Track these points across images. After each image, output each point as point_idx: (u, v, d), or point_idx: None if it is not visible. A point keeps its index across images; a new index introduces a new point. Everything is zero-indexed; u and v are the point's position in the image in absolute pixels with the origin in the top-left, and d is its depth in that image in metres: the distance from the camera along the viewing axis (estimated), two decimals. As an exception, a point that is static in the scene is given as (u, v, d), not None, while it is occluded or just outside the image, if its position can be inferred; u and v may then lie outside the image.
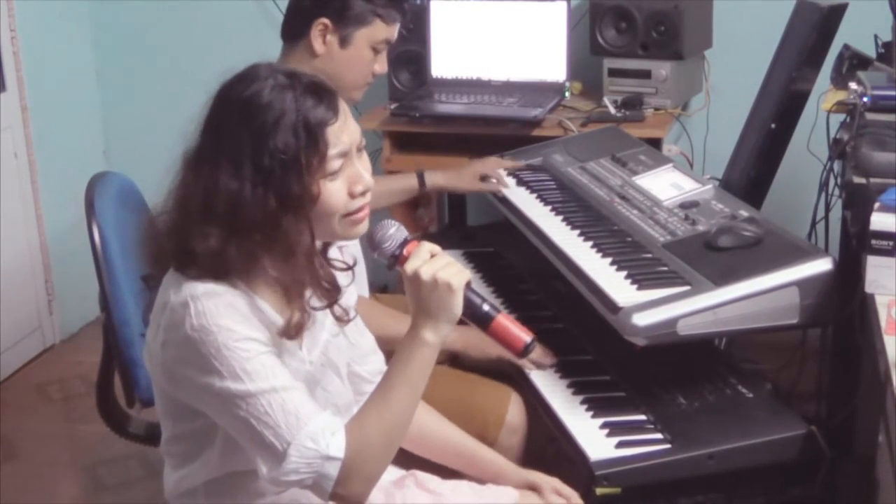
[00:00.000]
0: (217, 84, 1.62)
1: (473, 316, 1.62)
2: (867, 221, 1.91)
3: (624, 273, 2.17)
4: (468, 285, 1.60)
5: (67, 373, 3.72)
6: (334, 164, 1.57)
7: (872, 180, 2.10)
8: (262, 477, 1.56)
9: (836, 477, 2.11)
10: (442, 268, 1.57)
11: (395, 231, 1.62)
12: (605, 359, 2.26)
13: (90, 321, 3.98)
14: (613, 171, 2.70)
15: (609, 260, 2.24)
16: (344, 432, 1.55)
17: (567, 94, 3.37)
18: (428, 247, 1.60)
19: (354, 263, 1.77)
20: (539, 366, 2.25)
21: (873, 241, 1.90)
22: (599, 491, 1.88)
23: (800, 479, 2.01)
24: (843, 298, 2.03)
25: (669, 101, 3.26)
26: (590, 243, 2.35)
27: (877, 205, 1.93)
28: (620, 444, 1.96)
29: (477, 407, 2.20)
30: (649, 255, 2.23)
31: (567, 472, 1.94)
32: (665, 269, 2.15)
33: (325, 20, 2.29)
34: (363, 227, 1.64)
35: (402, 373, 1.59)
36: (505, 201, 2.75)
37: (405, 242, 1.61)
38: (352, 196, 1.59)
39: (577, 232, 2.43)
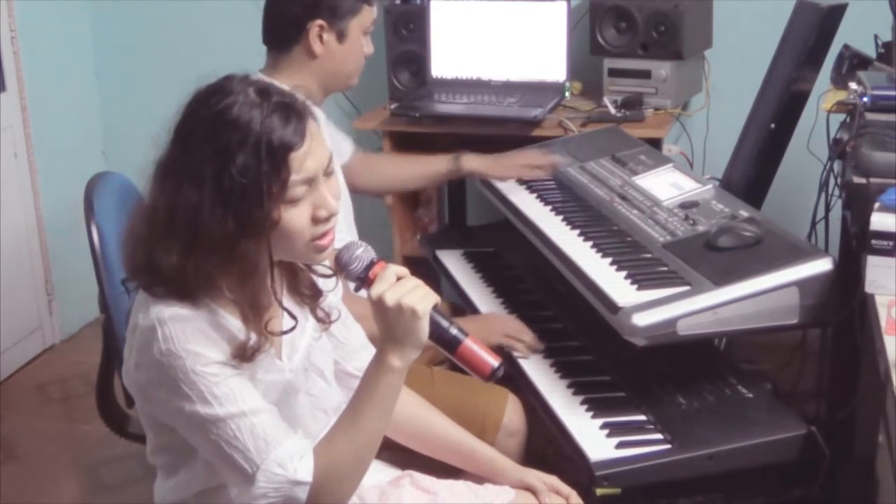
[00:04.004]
0: (191, 92, 1.58)
1: (441, 339, 1.59)
2: (867, 221, 1.91)
3: (624, 273, 2.17)
4: (435, 308, 1.57)
5: (67, 373, 3.72)
6: (297, 190, 1.51)
7: (872, 180, 2.10)
8: (233, 498, 1.57)
9: (836, 477, 2.11)
10: (407, 293, 1.53)
11: (361, 252, 1.58)
12: (605, 359, 2.26)
13: (90, 321, 3.98)
14: (613, 171, 2.70)
15: (609, 260, 2.24)
16: (312, 456, 1.55)
17: (567, 94, 3.37)
18: (394, 269, 1.56)
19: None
20: (531, 349, 2.27)
21: (873, 241, 1.90)
22: (599, 491, 1.88)
23: (800, 479, 2.01)
24: (843, 298, 2.03)
25: (669, 101, 3.26)
26: (590, 243, 2.35)
27: (877, 205, 1.93)
28: (620, 445, 1.96)
29: (474, 409, 2.20)
30: (649, 255, 2.23)
31: (567, 472, 1.94)
32: (665, 269, 2.15)
33: (321, 21, 2.30)
34: (327, 254, 1.61)
35: (369, 397, 1.57)
36: (505, 201, 2.74)
37: (371, 264, 1.58)
38: (315, 221, 1.55)
39: (577, 232, 2.43)
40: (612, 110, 3.23)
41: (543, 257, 2.43)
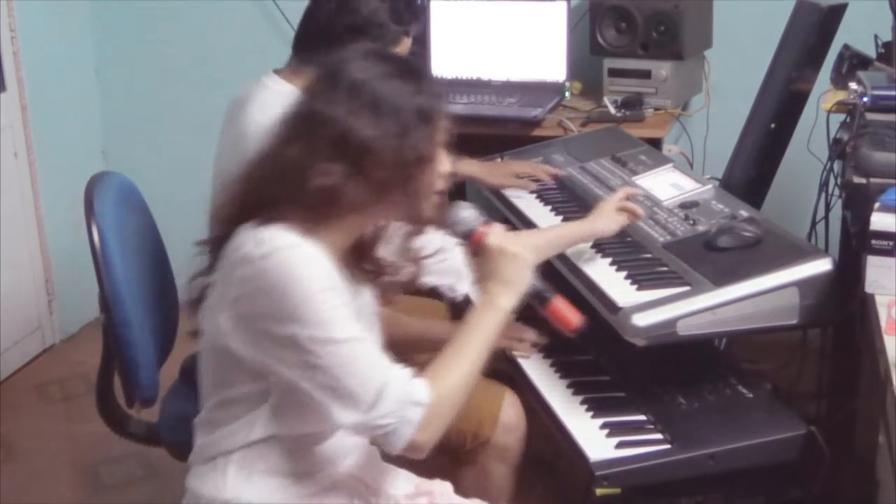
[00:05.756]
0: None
1: (534, 294, 1.78)
2: (867, 221, 1.91)
3: (624, 273, 2.17)
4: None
5: (67, 373, 3.72)
6: (442, 135, 1.68)
7: (872, 180, 2.10)
8: (340, 425, 1.60)
9: (836, 477, 2.11)
10: (518, 243, 1.75)
11: (470, 213, 1.80)
12: (605, 359, 2.26)
13: (90, 321, 3.98)
14: (613, 171, 2.70)
15: (609, 260, 2.25)
16: (426, 381, 1.61)
17: (567, 94, 3.37)
18: (502, 227, 1.78)
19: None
20: (535, 344, 2.29)
21: (873, 241, 1.90)
22: (599, 491, 1.88)
23: (800, 479, 2.01)
24: (843, 298, 2.03)
25: (669, 101, 3.26)
26: (589, 243, 2.35)
27: (877, 205, 1.93)
28: (620, 445, 1.96)
29: (471, 405, 2.19)
30: (649, 256, 2.23)
31: (567, 472, 1.94)
32: (665, 269, 2.15)
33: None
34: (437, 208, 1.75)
35: (477, 332, 1.69)
36: (504, 200, 2.75)
37: (484, 221, 1.79)
38: (441, 176, 1.70)
39: (577, 232, 2.43)
40: (612, 110, 3.23)
41: (543, 257, 2.43)
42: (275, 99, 2.26)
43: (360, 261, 1.77)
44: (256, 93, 2.31)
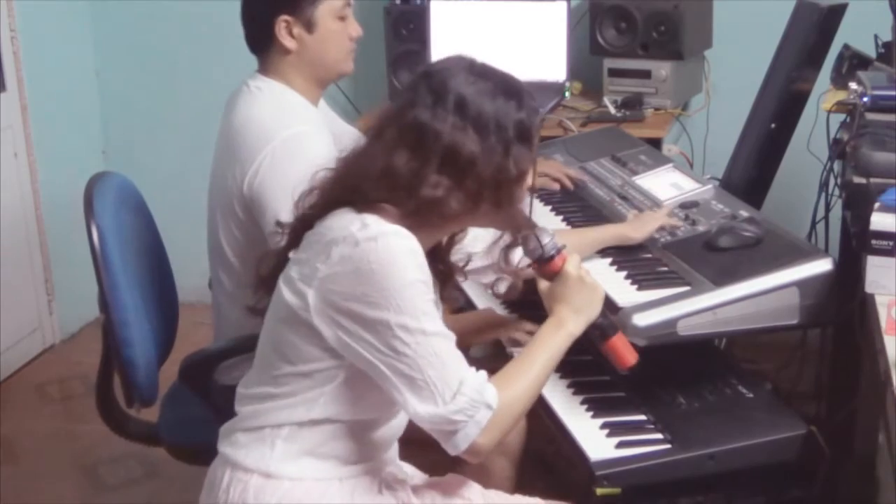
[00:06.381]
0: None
1: (598, 325, 1.82)
2: (867, 221, 1.91)
3: (624, 273, 2.17)
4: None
5: (67, 373, 3.72)
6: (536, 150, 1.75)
7: (872, 180, 2.10)
8: (413, 415, 1.64)
9: (836, 477, 2.11)
10: (592, 275, 1.80)
11: (550, 238, 1.82)
12: (605, 359, 2.26)
13: (90, 321, 3.98)
14: (613, 171, 2.70)
15: (609, 260, 2.24)
16: (495, 387, 1.66)
17: (567, 94, 3.37)
18: (579, 257, 1.83)
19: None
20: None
21: (873, 241, 1.90)
22: (599, 491, 1.88)
23: (800, 479, 2.01)
24: (843, 298, 2.03)
25: (669, 101, 3.26)
26: (590, 243, 2.35)
27: (877, 205, 1.93)
28: (620, 445, 1.96)
29: None
30: (649, 255, 2.23)
31: (567, 472, 1.94)
32: (665, 269, 2.15)
33: (285, 16, 2.29)
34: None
35: (545, 351, 1.75)
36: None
37: (560, 249, 1.82)
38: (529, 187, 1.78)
39: (577, 232, 2.43)
40: (612, 110, 3.23)
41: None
42: (258, 96, 2.31)
43: (435, 262, 1.80)
44: (243, 92, 2.34)
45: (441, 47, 3.44)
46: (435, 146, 1.65)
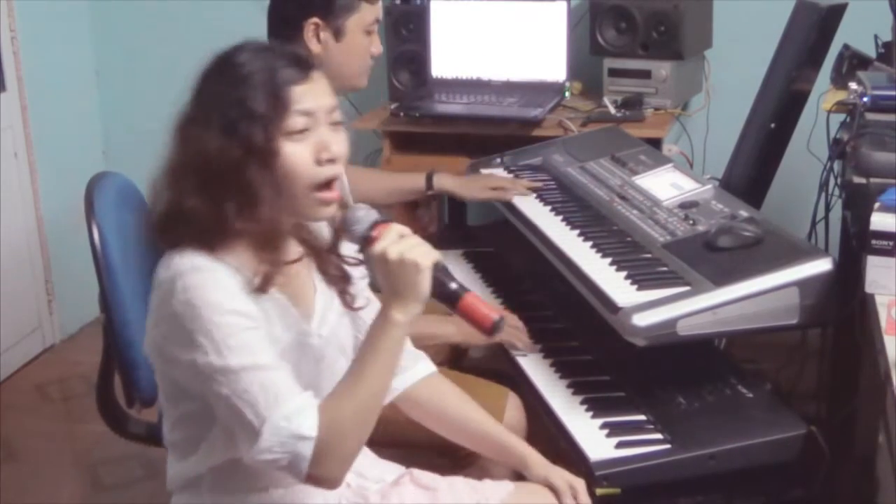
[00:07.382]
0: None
1: (442, 295, 1.62)
2: (867, 221, 1.91)
3: (624, 273, 2.17)
4: (437, 265, 1.60)
5: (67, 373, 3.72)
6: (296, 121, 1.58)
7: (872, 180, 2.10)
8: (242, 457, 1.57)
9: (836, 477, 2.11)
10: (410, 248, 1.57)
11: (364, 213, 1.62)
12: (605, 359, 2.26)
13: (90, 321, 3.98)
14: (613, 171, 2.70)
15: (609, 260, 2.24)
16: (317, 412, 1.55)
17: (567, 94, 3.37)
18: (397, 228, 1.60)
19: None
20: (525, 346, 2.29)
21: (873, 241, 1.90)
22: (599, 491, 1.88)
23: (800, 479, 2.01)
24: (843, 298, 2.03)
25: (669, 101, 3.26)
26: (589, 243, 2.35)
27: (877, 205, 1.93)
28: (620, 445, 1.96)
29: None
30: (649, 256, 2.23)
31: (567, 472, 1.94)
32: (665, 269, 2.15)
33: (316, 19, 2.30)
34: (332, 210, 1.64)
35: (373, 353, 1.59)
36: (505, 201, 2.74)
37: (375, 224, 1.61)
38: (318, 163, 1.60)
39: (577, 232, 2.43)
40: (612, 110, 3.23)
41: (543, 257, 2.43)
42: None
43: (323, 267, 1.74)
44: None
45: (441, 47, 3.45)
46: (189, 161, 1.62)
